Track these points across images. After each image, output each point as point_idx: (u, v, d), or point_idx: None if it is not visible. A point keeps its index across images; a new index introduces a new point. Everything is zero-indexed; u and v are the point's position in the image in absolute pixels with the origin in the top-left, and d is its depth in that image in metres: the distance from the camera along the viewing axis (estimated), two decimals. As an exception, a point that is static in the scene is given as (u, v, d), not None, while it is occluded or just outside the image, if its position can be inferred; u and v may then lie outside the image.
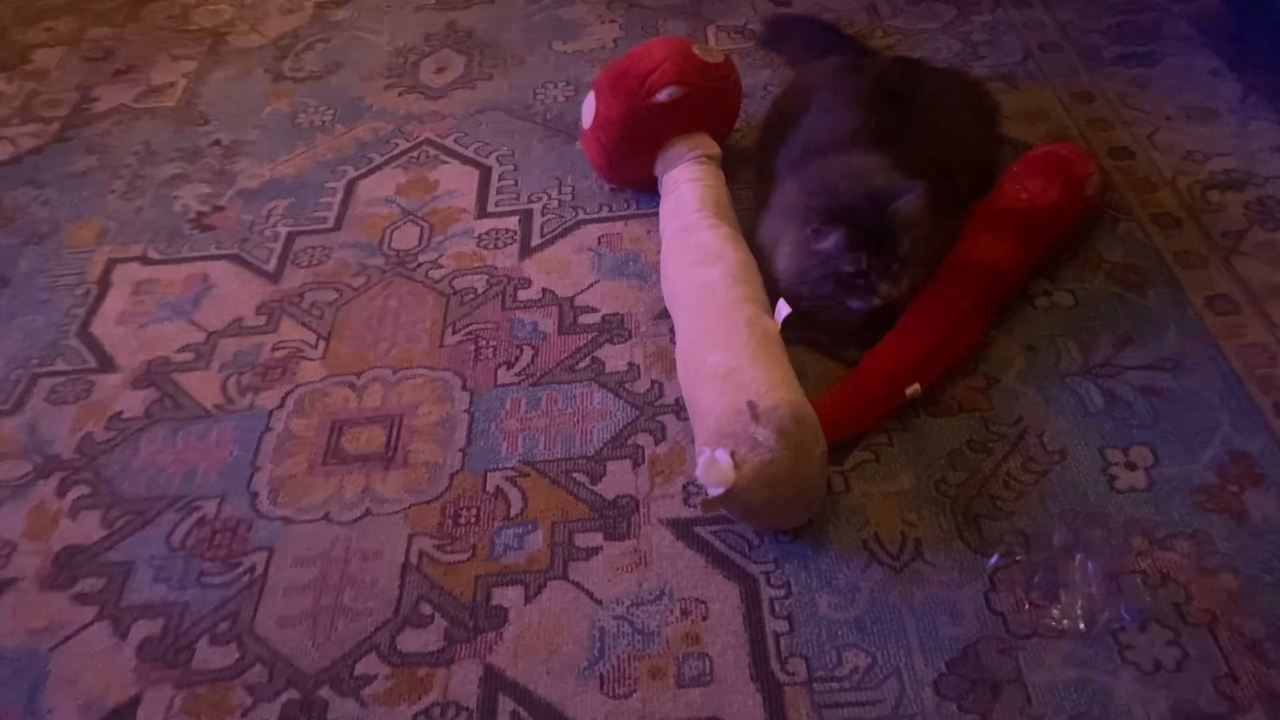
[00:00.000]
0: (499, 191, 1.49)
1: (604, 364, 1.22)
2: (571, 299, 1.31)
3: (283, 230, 1.47)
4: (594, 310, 1.29)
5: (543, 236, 1.41)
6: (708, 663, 0.93)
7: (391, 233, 1.44)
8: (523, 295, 1.32)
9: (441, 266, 1.38)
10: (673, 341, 1.20)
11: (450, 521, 1.07)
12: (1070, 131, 1.47)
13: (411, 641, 0.97)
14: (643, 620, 0.97)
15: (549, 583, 1.01)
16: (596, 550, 1.03)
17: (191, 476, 1.15)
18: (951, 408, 1.12)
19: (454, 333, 1.28)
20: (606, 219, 1.42)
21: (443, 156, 1.58)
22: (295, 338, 1.30)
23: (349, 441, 1.17)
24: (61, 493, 1.15)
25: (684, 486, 1.08)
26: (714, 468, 0.96)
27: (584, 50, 1.78)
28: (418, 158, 1.58)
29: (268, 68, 1.84)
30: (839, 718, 0.88)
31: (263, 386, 1.24)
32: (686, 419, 1.12)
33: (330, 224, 1.48)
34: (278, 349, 1.29)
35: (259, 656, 0.98)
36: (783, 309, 1.11)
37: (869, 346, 1.15)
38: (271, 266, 1.41)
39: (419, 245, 1.42)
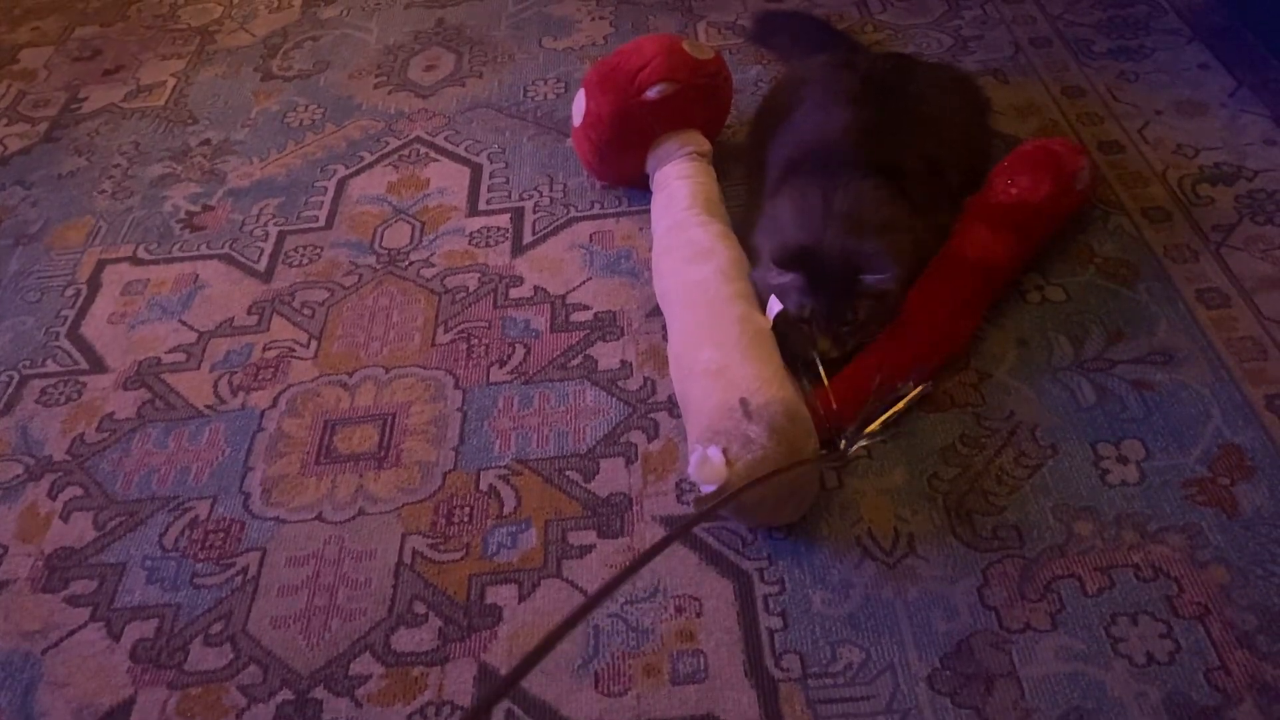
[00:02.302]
0: (490, 189, 1.49)
1: (596, 362, 1.22)
2: (563, 297, 1.31)
3: (273, 229, 1.47)
4: (586, 308, 1.29)
5: (534, 234, 1.40)
6: (702, 660, 0.93)
7: (383, 231, 1.44)
8: (514, 293, 1.32)
9: (433, 265, 1.38)
10: (665, 339, 1.21)
11: (443, 520, 1.07)
12: (1060, 126, 1.47)
13: (406, 641, 0.97)
14: (637, 618, 0.97)
15: (543, 581, 1.01)
16: (590, 548, 1.03)
17: (183, 477, 1.15)
18: (944, 403, 1.13)
19: (446, 331, 1.28)
20: (598, 216, 1.42)
21: (433, 154, 1.57)
22: (287, 337, 1.30)
23: (341, 441, 1.16)
24: (53, 495, 1.15)
25: (677, 484, 1.08)
26: (706, 465, 0.96)
27: (574, 47, 1.78)
28: (408, 156, 1.58)
29: (257, 66, 1.84)
30: (833, 713, 0.88)
31: (254, 386, 1.24)
32: (679, 416, 1.12)
33: (321, 223, 1.47)
34: (269, 349, 1.29)
35: (253, 657, 0.98)
36: (774, 306, 1.11)
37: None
38: (262, 266, 1.41)
39: (410, 244, 1.41)
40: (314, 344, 1.29)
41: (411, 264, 1.38)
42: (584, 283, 1.32)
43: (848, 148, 1.20)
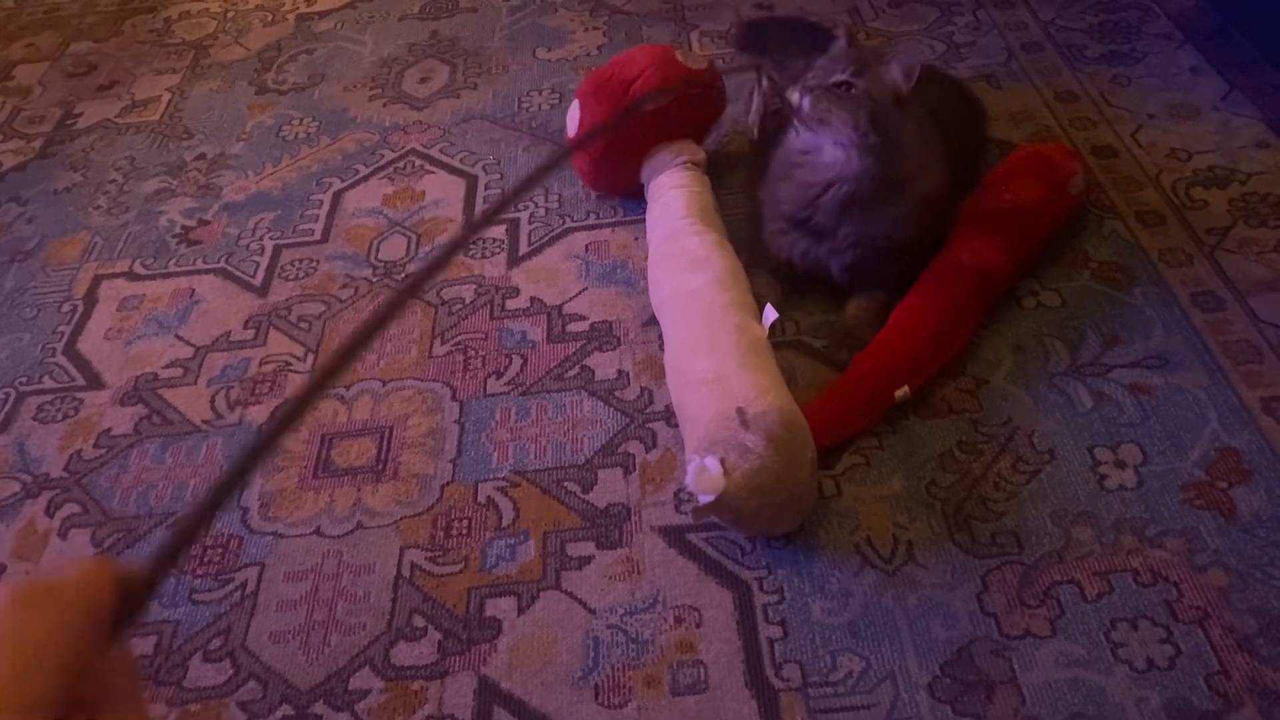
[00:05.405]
0: (485, 200, 1.49)
1: (593, 372, 1.22)
2: (560, 307, 1.31)
3: (269, 243, 1.47)
4: (582, 318, 1.29)
5: (530, 245, 1.41)
6: (702, 670, 0.93)
7: (378, 244, 1.44)
8: (511, 304, 1.32)
9: (429, 277, 1.37)
10: (661, 348, 1.21)
11: (442, 533, 1.07)
12: (1054, 131, 1.47)
13: (405, 655, 0.97)
14: (636, 629, 0.97)
15: (542, 593, 1.01)
16: (589, 559, 1.03)
17: (181, 493, 1.15)
18: (941, 409, 1.13)
19: (442, 343, 1.28)
20: (593, 226, 1.42)
21: (428, 166, 1.57)
22: (283, 351, 1.30)
23: (339, 455, 1.16)
24: (50, 512, 1.14)
25: (675, 494, 1.08)
26: (704, 475, 0.96)
27: (568, 58, 1.78)
28: (403, 168, 1.58)
29: (251, 80, 1.84)
30: (834, 723, 0.88)
31: (251, 401, 1.24)
32: (677, 426, 1.12)
33: (317, 236, 1.47)
34: (266, 363, 1.29)
35: (252, 673, 0.97)
36: (770, 314, 1.11)
37: (859, 350, 1.15)
38: (258, 280, 1.41)
39: (406, 256, 1.41)
40: (311, 357, 1.29)
41: (408, 276, 1.38)
42: (580, 293, 1.32)
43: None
